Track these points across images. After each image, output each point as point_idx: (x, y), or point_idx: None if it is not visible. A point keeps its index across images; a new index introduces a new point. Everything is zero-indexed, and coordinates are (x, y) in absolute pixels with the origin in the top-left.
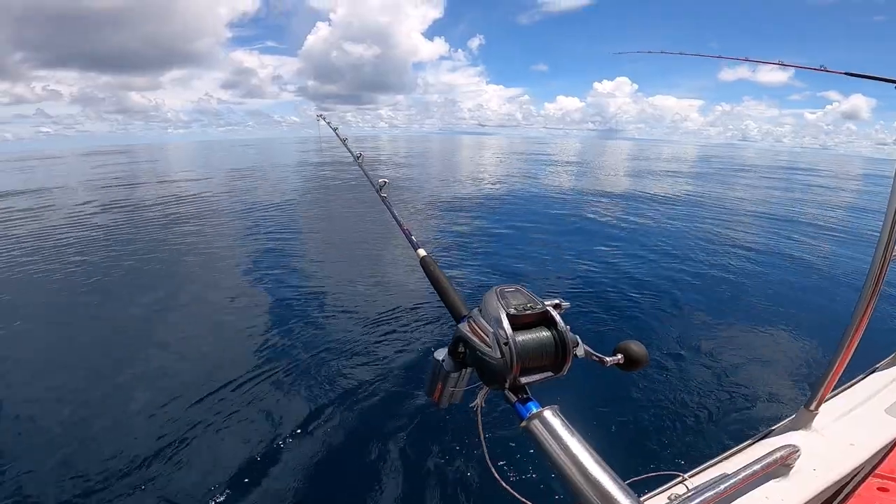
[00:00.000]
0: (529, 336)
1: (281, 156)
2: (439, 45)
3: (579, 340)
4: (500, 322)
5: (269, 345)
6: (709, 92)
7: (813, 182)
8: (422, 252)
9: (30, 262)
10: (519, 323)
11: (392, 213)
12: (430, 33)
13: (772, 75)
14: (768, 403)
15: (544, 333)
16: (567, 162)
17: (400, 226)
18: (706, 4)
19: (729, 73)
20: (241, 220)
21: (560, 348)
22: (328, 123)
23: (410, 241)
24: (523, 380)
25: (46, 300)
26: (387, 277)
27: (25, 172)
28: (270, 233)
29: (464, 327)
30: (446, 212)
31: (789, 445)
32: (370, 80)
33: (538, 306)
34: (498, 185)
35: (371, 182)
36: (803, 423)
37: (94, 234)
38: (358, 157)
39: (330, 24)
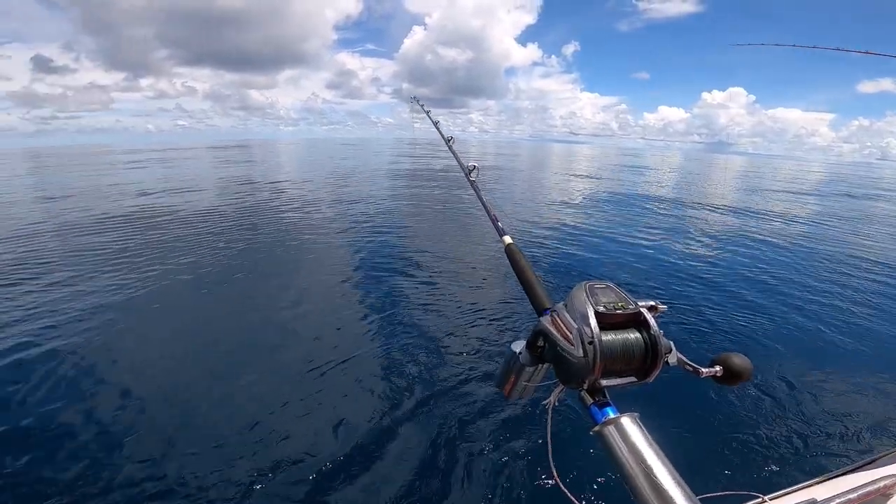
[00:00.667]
0: (617, 337)
1: (380, 157)
2: (532, 51)
3: (673, 347)
4: (586, 319)
5: (360, 330)
6: (843, 105)
7: None
8: (507, 239)
9: (175, 246)
10: (607, 322)
11: (480, 197)
12: (524, 39)
13: None
14: (874, 437)
15: (634, 336)
16: (670, 174)
17: (487, 211)
18: (833, 17)
19: (869, 85)
20: (347, 215)
21: (650, 353)
22: (422, 106)
23: (497, 227)
24: (604, 382)
25: (183, 282)
26: (473, 265)
27: (177, 166)
28: (372, 225)
29: (546, 321)
30: (536, 209)
31: (894, 475)
32: (462, 84)
33: (630, 306)
34: (593, 191)
35: (461, 166)
36: None
37: (227, 224)
38: (449, 140)
39: (425, 28)
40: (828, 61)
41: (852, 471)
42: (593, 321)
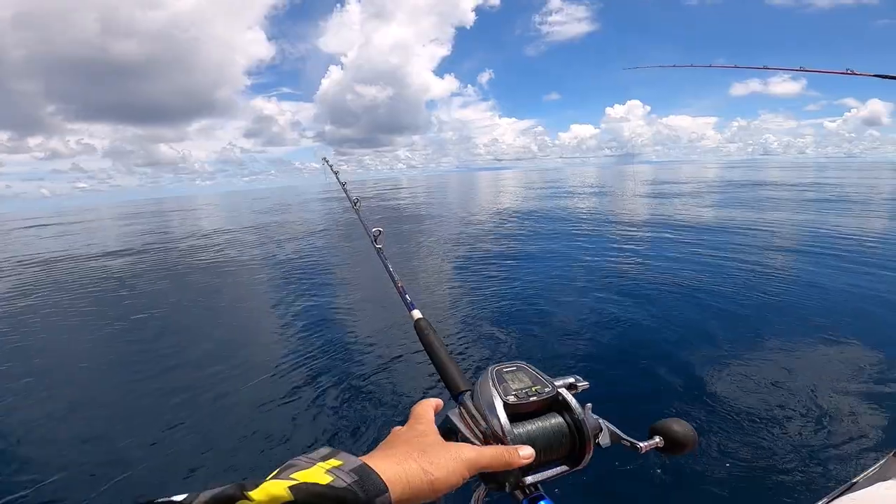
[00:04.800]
0: (536, 426)
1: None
2: (450, 82)
3: (603, 424)
4: (494, 412)
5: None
6: (722, 109)
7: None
8: (416, 314)
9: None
10: (522, 412)
11: (386, 266)
12: (440, 71)
13: (784, 86)
14: (847, 453)
15: (555, 420)
16: (584, 192)
17: (394, 282)
18: (705, 25)
19: (740, 88)
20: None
21: (577, 438)
22: (331, 167)
23: (404, 300)
24: (529, 479)
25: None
26: (384, 334)
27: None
28: (285, 284)
29: (454, 414)
30: (448, 255)
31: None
32: (385, 122)
33: (546, 389)
34: (510, 224)
35: (366, 231)
36: (893, 473)
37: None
38: (356, 203)
39: (342, 68)
40: (704, 70)
41: (836, 498)
42: (502, 414)
